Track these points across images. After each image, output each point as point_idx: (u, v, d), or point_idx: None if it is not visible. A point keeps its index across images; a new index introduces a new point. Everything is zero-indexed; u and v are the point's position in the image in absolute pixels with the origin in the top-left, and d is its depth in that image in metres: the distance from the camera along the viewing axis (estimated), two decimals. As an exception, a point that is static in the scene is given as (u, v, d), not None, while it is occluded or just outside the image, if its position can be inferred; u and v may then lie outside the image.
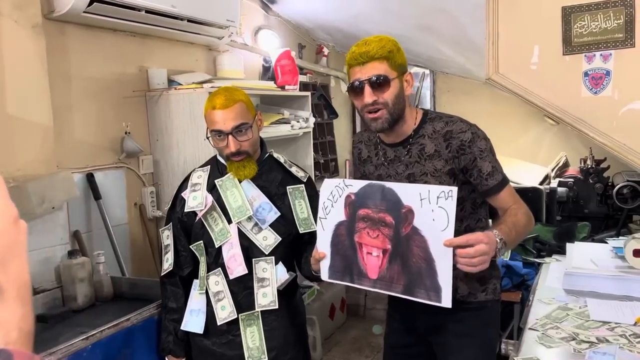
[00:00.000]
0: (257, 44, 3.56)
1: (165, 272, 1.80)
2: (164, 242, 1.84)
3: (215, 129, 1.69)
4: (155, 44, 2.74)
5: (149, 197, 2.67)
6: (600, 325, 1.65)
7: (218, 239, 1.73)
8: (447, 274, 1.37)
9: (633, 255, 1.90)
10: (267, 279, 1.73)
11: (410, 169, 1.64)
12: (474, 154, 1.57)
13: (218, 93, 1.71)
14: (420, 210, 1.42)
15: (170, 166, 2.68)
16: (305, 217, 1.80)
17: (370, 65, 1.50)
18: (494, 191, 1.59)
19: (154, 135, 2.70)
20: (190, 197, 1.78)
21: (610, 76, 2.15)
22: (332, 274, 1.58)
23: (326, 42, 4.30)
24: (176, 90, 2.60)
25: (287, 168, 1.83)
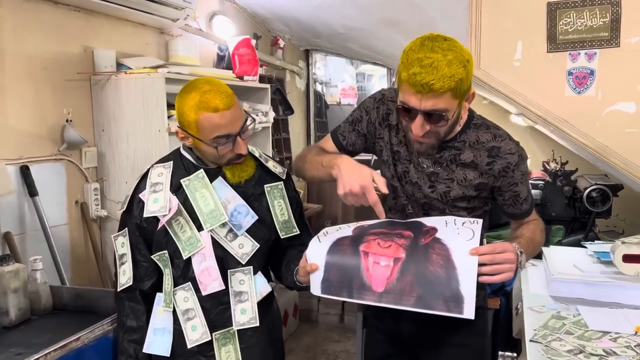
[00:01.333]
0: (212, 30, 3.30)
1: (122, 287, 1.52)
2: (118, 251, 1.56)
3: (222, 135, 1.40)
4: (102, 22, 2.44)
5: (92, 195, 2.37)
6: (601, 335, 1.56)
7: (186, 249, 1.48)
8: (471, 283, 1.24)
9: (623, 261, 1.83)
10: (245, 293, 1.51)
11: (436, 168, 1.48)
12: (515, 178, 1.45)
13: (209, 91, 1.38)
14: (445, 228, 1.34)
15: (118, 160, 2.38)
16: (286, 220, 1.59)
17: (431, 97, 1.25)
18: (524, 216, 1.53)
19: (99, 124, 2.39)
20: (150, 199, 1.49)
21: (595, 76, 2.09)
22: (325, 288, 1.38)
23: (282, 34, 4.09)
24: (127, 75, 2.31)
25: (263, 163, 1.61)
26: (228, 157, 1.46)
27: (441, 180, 1.47)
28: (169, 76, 2.27)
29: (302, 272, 1.43)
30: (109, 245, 2.43)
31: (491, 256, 1.25)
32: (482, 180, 1.45)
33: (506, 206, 1.52)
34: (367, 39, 3.70)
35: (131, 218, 1.52)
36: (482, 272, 1.26)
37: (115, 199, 2.39)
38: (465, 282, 1.25)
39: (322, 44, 4.28)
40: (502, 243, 1.29)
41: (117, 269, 1.55)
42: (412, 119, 1.31)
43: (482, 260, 1.25)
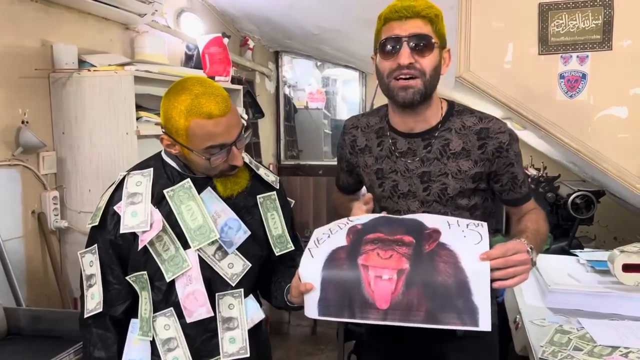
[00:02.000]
0: (180, 28, 3.12)
1: (90, 314, 1.31)
2: (85, 271, 1.35)
3: (216, 144, 1.23)
4: (63, 14, 2.22)
5: (51, 204, 2.14)
6: (611, 351, 1.49)
7: (170, 270, 1.29)
8: (484, 292, 1.13)
9: (622, 271, 1.77)
10: (234, 319, 1.34)
11: (427, 166, 1.38)
12: (510, 158, 1.37)
13: (202, 94, 1.20)
14: (449, 230, 1.20)
15: (80, 165, 2.17)
16: (280, 234, 1.44)
17: (414, 22, 1.27)
18: (524, 200, 1.45)
19: (59, 126, 2.18)
20: (127, 212, 1.30)
21: (586, 79, 2.04)
22: (323, 310, 1.22)
23: (252, 34, 3.93)
24: (91, 72, 2.11)
25: (254, 170, 1.46)
26: (221, 169, 1.29)
27: (435, 178, 1.38)
28: (137, 74, 2.08)
29: (295, 292, 1.27)
30: (70, 259, 2.22)
31: (504, 259, 1.15)
32: (478, 170, 1.37)
33: (505, 192, 1.43)
34: (342, 40, 3.59)
35: (103, 234, 1.32)
36: (495, 277, 1.15)
37: (76, 209, 2.18)
38: (478, 291, 1.13)
39: (293, 46, 4.14)
40: (513, 243, 1.19)
41: (84, 291, 1.35)
42: (396, 52, 1.28)
43: (494, 265, 1.14)
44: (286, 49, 4.35)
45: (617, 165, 2.03)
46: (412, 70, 1.27)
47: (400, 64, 1.27)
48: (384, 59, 1.32)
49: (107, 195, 1.35)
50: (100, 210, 1.33)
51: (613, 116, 2.02)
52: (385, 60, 1.31)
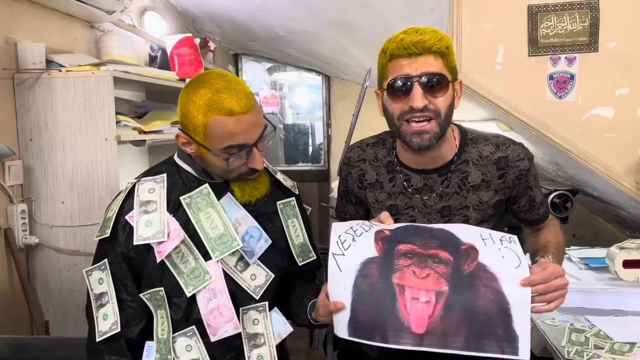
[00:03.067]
0: (143, 27, 2.94)
1: (105, 336, 1.17)
2: (94, 290, 1.21)
3: (235, 144, 1.13)
4: (26, 10, 2.02)
5: (19, 218, 1.93)
6: (630, 347, 1.50)
7: (190, 284, 1.18)
8: (525, 319, 1.08)
9: (623, 267, 1.80)
10: (260, 335, 1.23)
11: (446, 201, 1.30)
12: (529, 182, 1.34)
13: (223, 89, 1.11)
14: (485, 247, 1.13)
15: (52, 175, 1.97)
16: (302, 243, 1.34)
17: (424, 59, 1.15)
18: (542, 220, 1.42)
19: (25, 132, 1.97)
20: (141, 222, 1.18)
21: (575, 80, 2.08)
22: (354, 331, 1.12)
23: (212, 35, 3.78)
24: (65, 73, 1.92)
25: (273, 175, 1.36)
26: (239, 172, 1.19)
27: (455, 212, 1.31)
28: (118, 75, 1.92)
29: (323, 312, 1.17)
30: (40, 278, 2.02)
31: (545, 286, 1.09)
32: (499, 198, 1.32)
33: (522, 213, 1.40)
34: (309, 43, 3.52)
35: (114, 246, 1.19)
36: (535, 301, 1.10)
37: (48, 223, 1.98)
38: (518, 318, 1.08)
39: (255, 48, 4.03)
40: (552, 266, 1.12)
41: (94, 313, 1.20)
42: (407, 92, 1.16)
43: (534, 291, 1.09)
44: (247, 52, 4.23)
45: (605, 163, 2.08)
46: (426, 112, 1.17)
47: (413, 107, 1.16)
48: (393, 101, 1.20)
49: (116, 204, 1.22)
50: (111, 220, 1.20)
51: (600, 116, 2.08)
52: (395, 103, 1.20)
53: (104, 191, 1.94)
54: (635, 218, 2.40)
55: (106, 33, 2.49)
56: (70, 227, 1.97)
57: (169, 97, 2.82)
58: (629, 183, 2.07)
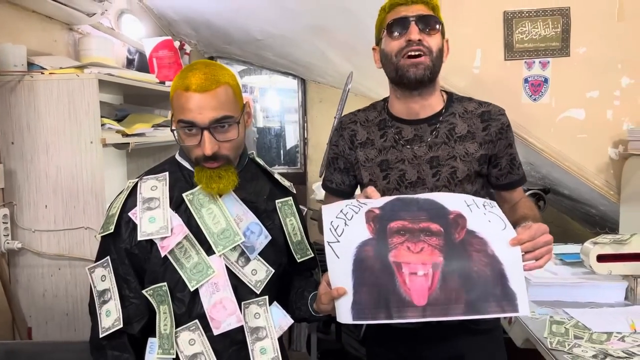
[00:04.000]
0: (121, 29, 2.92)
1: (107, 332, 1.19)
2: (97, 287, 1.22)
3: (185, 120, 1.16)
4: (5, 11, 1.99)
5: (1, 223, 1.90)
6: (607, 336, 1.58)
7: (193, 279, 1.20)
8: (519, 277, 1.15)
9: (597, 261, 1.89)
10: (262, 328, 1.26)
11: (435, 151, 1.40)
12: (509, 139, 1.45)
13: (195, 68, 1.17)
14: (471, 214, 1.20)
15: (35, 179, 1.94)
16: (300, 241, 1.38)
17: (419, 6, 1.35)
18: (520, 182, 1.50)
19: (6, 135, 1.94)
20: (144, 218, 1.20)
21: (548, 83, 2.17)
22: (357, 314, 1.17)
23: (188, 38, 3.77)
24: (48, 76, 1.90)
25: (271, 175, 1.39)
26: (196, 155, 1.21)
27: (444, 162, 1.40)
28: (103, 77, 1.91)
29: (325, 299, 1.21)
30: (22, 284, 1.99)
31: (533, 243, 1.17)
32: (483, 152, 1.41)
33: (503, 176, 1.47)
34: (286, 46, 3.55)
35: (117, 243, 1.21)
36: (525, 259, 1.18)
37: (30, 227, 1.95)
38: (513, 277, 1.15)
39: (231, 51, 4.03)
40: (536, 225, 1.20)
41: (97, 309, 1.21)
42: (405, 30, 1.32)
43: (524, 249, 1.17)
44: (222, 55, 4.23)
45: (577, 163, 2.18)
46: (420, 46, 1.32)
47: (410, 39, 1.31)
48: (392, 40, 1.35)
49: (119, 201, 1.24)
50: (114, 217, 1.21)
51: (573, 118, 2.18)
52: (394, 40, 1.34)
53: (89, 195, 1.93)
54: (603, 215, 2.51)
55: (85, 35, 2.47)
56: (54, 232, 1.95)
57: (147, 100, 2.81)
58: (599, 181, 2.17)
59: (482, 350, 1.47)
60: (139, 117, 2.40)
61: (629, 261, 1.88)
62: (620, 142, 2.13)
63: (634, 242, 1.87)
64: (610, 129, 2.15)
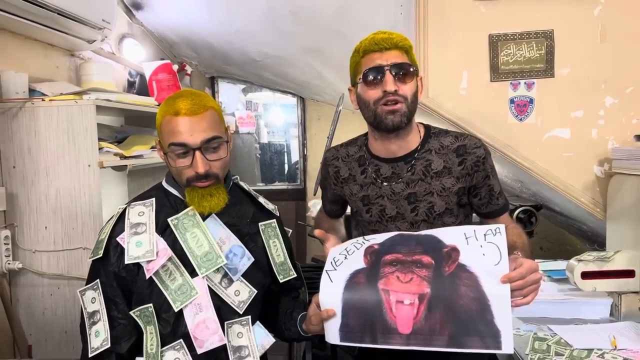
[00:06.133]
0: (122, 53, 3.01)
1: (96, 352, 1.25)
2: (87, 309, 1.29)
3: (177, 142, 1.24)
4: (9, 40, 2.08)
5: (2, 244, 1.97)
6: (587, 353, 1.62)
7: (178, 300, 1.26)
8: (506, 314, 1.17)
9: (581, 278, 1.93)
10: (245, 347, 1.31)
11: (412, 187, 1.45)
12: (487, 170, 1.47)
13: (181, 95, 1.27)
14: (467, 247, 1.23)
15: (35, 201, 2.02)
16: (282, 262, 1.44)
17: (393, 53, 1.36)
18: (502, 211, 1.53)
19: (8, 160, 2.01)
20: (132, 242, 1.27)
21: (534, 104, 2.23)
22: (344, 336, 1.24)
23: (189, 59, 3.87)
24: (48, 102, 1.98)
25: (255, 198, 1.45)
26: (187, 176, 1.28)
27: (421, 198, 1.45)
28: (100, 103, 1.99)
29: (314, 320, 1.29)
30: (22, 303, 2.06)
31: (523, 281, 1.19)
32: (460, 185, 1.45)
33: (484, 205, 1.51)
34: (284, 67, 3.63)
35: (107, 267, 1.28)
36: (513, 296, 1.19)
37: (31, 248, 2.02)
38: (499, 314, 1.17)
39: (231, 71, 4.13)
40: (528, 263, 1.22)
41: (87, 330, 1.27)
42: (380, 80, 1.35)
43: (513, 287, 1.18)
44: (222, 75, 4.33)
45: (563, 181, 2.22)
46: (396, 96, 1.36)
47: (386, 90, 1.35)
48: (368, 88, 1.38)
49: (108, 227, 1.31)
50: (103, 242, 1.28)
51: (558, 137, 2.22)
52: (370, 89, 1.38)
53: (87, 216, 2.00)
54: (593, 231, 2.54)
55: (86, 61, 2.56)
56: (53, 252, 2.02)
57: (147, 121, 2.88)
58: (586, 199, 2.21)
59: None
60: (138, 139, 2.47)
61: (613, 278, 1.92)
62: (606, 160, 2.17)
63: (617, 260, 1.91)
64: (596, 147, 2.19)
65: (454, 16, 2.23)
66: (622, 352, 1.61)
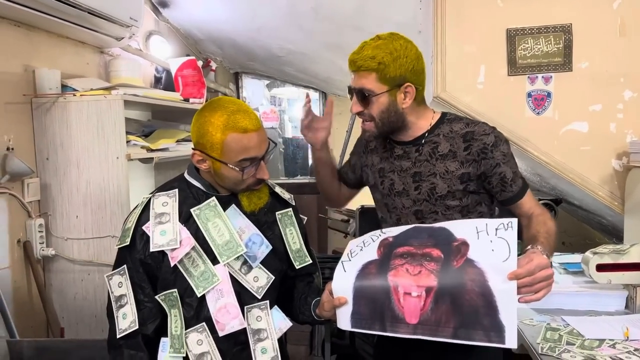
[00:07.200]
0: (149, 50, 3.11)
1: (124, 333, 1.33)
2: (114, 293, 1.37)
3: (248, 157, 1.31)
4: (43, 39, 2.19)
5: (37, 232, 2.09)
6: (599, 343, 1.64)
7: (200, 286, 1.33)
8: (511, 310, 1.19)
9: (596, 270, 1.94)
10: (263, 330, 1.38)
11: (417, 167, 1.51)
12: (496, 159, 1.46)
13: (237, 111, 1.30)
14: (477, 242, 1.25)
15: (67, 192, 2.13)
16: (299, 249, 1.50)
17: (360, 74, 1.43)
18: (517, 198, 1.52)
19: (42, 152, 2.13)
20: (156, 231, 1.34)
21: (551, 97, 2.24)
22: (355, 323, 1.31)
23: (214, 55, 3.96)
24: (79, 97, 2.08)
25: (271, 189, 1.52)
26: (248, 183, 1.36)
27: (424, 178, 1.50)
28: (128, 98, 2.08)
29: (327, 307, 1.35)
30: (55, 287, 2.17)
31: (531, 278, 1.20)
32: (465, 170, 1.46)
33: (498, 193, 1.51)
34: (306, 62, 3.70)
35: (133, 253, 1.35)
36: (522, 293, 1.21)
37: (63, 236, 2.13)
38: (505, 310, 1.19)
39: (255, 67, 4.21)
40: (537, 259, 1.23)
41: (115, 312, 1.36)
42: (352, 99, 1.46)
43: (520, 284, 1.20)
44: (246, 70, 4.41)
45: (581, 175, 2.23)
46: (362, 116, 1.48)
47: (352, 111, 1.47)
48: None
49: (134, 216, 1.38)
50: (130, 230, 1.36)
51: (576, 131, 2.23)
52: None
53: (116, 206, 2.10)
54: (613, 225, 2.54)
55: (115, 57, 2.66)
56: (84, 240, 2.12)
57: (173, 115, 2.99)
58: (603, 193, 2.22)
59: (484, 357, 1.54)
60: (164, 133, 2.57)
61: (629, 270, 1.93)
62: (624, 154, 2.17)
63: (632, 252, 1.92)
64: (614, 141, 2.19)
65: (472, 11, 2.25)
66: (634, 342, 1.62)
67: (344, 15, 2.83)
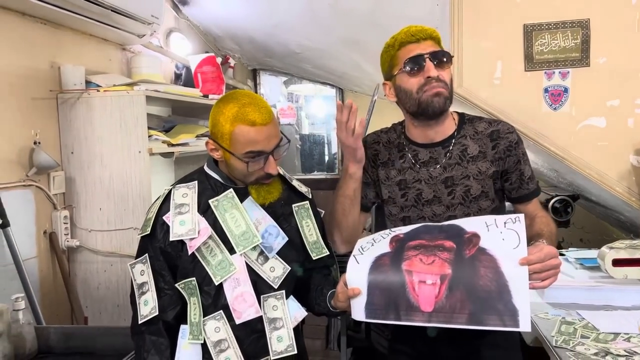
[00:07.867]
0: (169, 47, 3.17)
1: (146, 319, 1.38)
2: (136, 280, 1.42)
3: (256, 151, 1.34)
4: (68, 36, 2.25)
5: (62, 224, 2.15)
6: (614, 337, 1.65)
7: (218, 274, 1.37)
8: (524, 294, 1.22)
9: (612, 265, 1.95)
10: (279, 319, 1.42)
11: (449, 171, 1.51)
12: (518, 156, 1.52)
13: (248, 104, 1.34)
14: (487, 233, 1.30)
15: (90, 185, 2.19)
16: (315, 241, 1.53)
17: (428, 42, 1.43)
18: (532, 196, 1.56)
19: (67, 146, 2.19)
20: (176, 221, 1.38)
21: (568, 93, 2.24)
22: (370, 313, 1.33)
23: (232, 52, 4.01)
24: (102, 93, 2.14)
25: (289, 182, 1.56)
26: (256, 176, 1.39)
27: (458, 182, 1.51)
28: (150, 94, 2.14)
29: (342, 298, 1.38)
30: (80, 277, 2.23)
31: (542, 265, 1.24)
32: (494, 169, 1.50)
33: (514, 190, 1.55)
34: (323, 59, 3.72)
35: (153, 242, 1.40)
36: (532, 279, 1.25)
37: (87, 227, 2.19)
38: (517, 294, 1.22)
39: (273, 64, 4.25)
40: (547, 248, 1.27)
41: (137, 299, 1.41)
42: (421, 68, 1.42)
43: (531, 270, 1.24)
44: (264, 67, 4.46)
45: (598, 170, 2.23)
46: (439, 82, 1.43)
47: (430, 76, 1.41)
48: (410, 77, 1.44)
49: (155, 207, 1.43)
50: (151, 220, 1.40)
51: (593, 126, 2.23)
52: (412, 78, 1.44)
53: (138, 199, 2.15)
54: (631, 221, 2.53)
55: (136, 54, 2.72)
56: (107, 232, 2.18)
57: (193, 111, 3.04)
58: (621, 188, 2.22)
59: (498, 348, 1.56)
60: (184, 128, 2.62)
61: (645, 266, 1.93)
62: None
63: (649, 248, 1.92)
64: (632, 136, 2.19)
65: (489, 6, 2.27)
66: (649, 336, 1.63)
67: (361, 11, 2.85)
